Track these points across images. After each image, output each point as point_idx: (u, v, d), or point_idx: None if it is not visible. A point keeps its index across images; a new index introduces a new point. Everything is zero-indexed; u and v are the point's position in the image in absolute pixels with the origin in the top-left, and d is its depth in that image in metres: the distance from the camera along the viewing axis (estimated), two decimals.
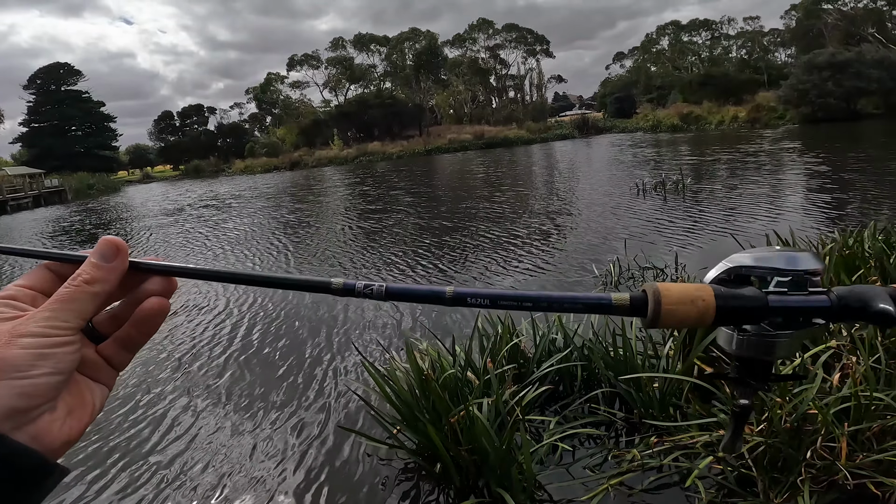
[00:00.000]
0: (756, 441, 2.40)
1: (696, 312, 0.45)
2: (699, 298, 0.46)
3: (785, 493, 2.26)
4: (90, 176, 57.81)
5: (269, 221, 16.94)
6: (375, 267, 9.13)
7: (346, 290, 0.47)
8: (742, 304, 0.46)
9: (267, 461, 3.73)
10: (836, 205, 10.40)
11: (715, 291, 0.46)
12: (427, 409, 3.09)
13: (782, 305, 0.46)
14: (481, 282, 7.47)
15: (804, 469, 2.25)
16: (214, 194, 32.00)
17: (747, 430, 2.50)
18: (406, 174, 32.14)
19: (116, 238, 0.47)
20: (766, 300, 0.46)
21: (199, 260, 11.34)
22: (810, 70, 39.51)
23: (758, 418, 2.46)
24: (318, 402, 4.46)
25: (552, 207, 13.78)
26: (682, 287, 0.46)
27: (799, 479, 2.24)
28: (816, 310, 0.46)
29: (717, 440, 2.63)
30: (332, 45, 79.73)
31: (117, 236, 0.47)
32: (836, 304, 0.45)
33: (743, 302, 0.46)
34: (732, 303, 0.46)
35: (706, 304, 0.45)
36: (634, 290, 0.47)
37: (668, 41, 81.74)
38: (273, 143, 73.32)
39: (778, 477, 2.35)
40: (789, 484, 2.28)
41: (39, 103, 72.03)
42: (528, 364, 3.70)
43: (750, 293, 0.46)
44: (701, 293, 0.46)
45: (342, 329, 6.17)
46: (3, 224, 29.17)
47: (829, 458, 2.24)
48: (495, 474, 2.85)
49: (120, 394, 5.08)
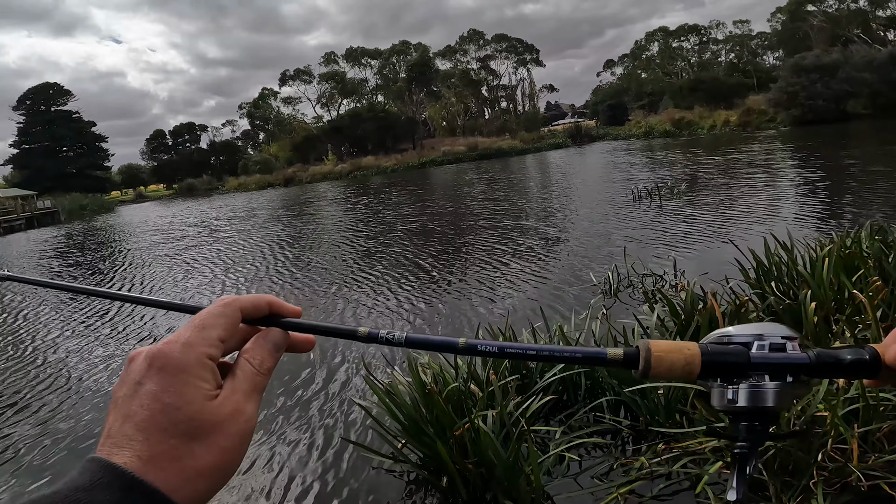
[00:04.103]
0: (766, 445, 2.38)
1: (683, 364, 0.51)
2: (686, 352, 0.52)
3: (798, 497, 2.24)
4: (83, 196, 57.69)
5: (276, 243, 16.92)
6: (383, 281, 9.11)
7: (370, 338, 0.51)
8: (726, 359, 0.51)
9: (271, 474, 3.69)
10: (831, 206, 10.46)
11: (700, 348, 0.52)
12: (431, 423, 3.07)
13: (764, 361, 0.50)
14: (481, 295, 7.44)
15: (816, 472, 2.24)
16: (217, 214, 31.94)
17: None
18: (401, 188, 32.18)
19: (285, 332, 0.52)
20: (749, 355, 0.51)
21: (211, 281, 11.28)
22: (798, 72, 39.84)
23: None
24: (323, 416, 4.42)
25: (548, 217, 13.80)
26: (671, 343, 0.52)
27: (811, 481, 2.22)
28: (798, 365, 0.50)
29: (725, 445, 2.61)
30: (324, 60, 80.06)
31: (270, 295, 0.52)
32: (815, 361, 0.51)
33: (726, 357, 0.51)
34: (717, 357, 0.51)
35: (692, 358, 0.51)
36: (629, 347, 0.53)
37: (658, 47, 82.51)
38: (266, 159, 73.32)
39: (790, 480, 2.33)
40: (801, 487, 2.26)
41: (30, 124, 71.90)
42: (531, 374, 3.67)
43: (733, 349, 0.52)
44: (688, 349, 0.52)
45: (344, 344, 6.13)
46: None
47: (841, 461, 2.23)
48: (503, 486, 2.82)
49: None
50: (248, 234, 18.86)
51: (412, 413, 3.16)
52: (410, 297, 7.80)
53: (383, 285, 8.67)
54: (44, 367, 6.92)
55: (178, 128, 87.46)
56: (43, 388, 6.12)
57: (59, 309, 10.08)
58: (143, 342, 7.43)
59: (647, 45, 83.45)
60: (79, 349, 7.44)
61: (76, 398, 5.68)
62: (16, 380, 6.54)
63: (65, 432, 4.87)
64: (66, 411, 5.35)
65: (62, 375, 6.44)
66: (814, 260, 3.88)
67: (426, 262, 10.06)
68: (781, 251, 4.22)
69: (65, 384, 6.14)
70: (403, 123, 71.99)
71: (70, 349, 7.49)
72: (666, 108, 60.77)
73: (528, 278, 7.94)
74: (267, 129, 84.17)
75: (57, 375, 6.47)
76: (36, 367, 6.93)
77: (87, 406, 5.42)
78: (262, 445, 4.12)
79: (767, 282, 3.97)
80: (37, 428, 5.06)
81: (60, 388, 6.02)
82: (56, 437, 4.80)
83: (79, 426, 4.97)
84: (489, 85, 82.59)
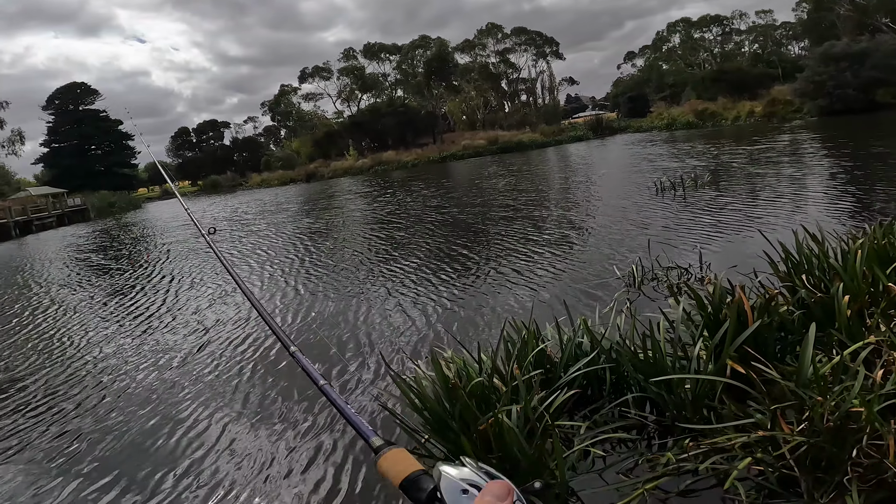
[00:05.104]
0: (797, 441, 2.33)
1: (394, 474, 0.96)
2: (399, 467, 0.97)
3: (831, 493, 2.19)
4: (111, 194, 58.84)
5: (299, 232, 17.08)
6: (406, 270, 9.14)
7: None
8: (415, 484, 0.93)
9: (295, 468, 3.72)
10: (862, 197, 10.18)
11: (413, 472, 0.94)
12: (454, 418, 3.06)
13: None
14: (505, 287, 7.41)
15: (850, 468, 2.18)
16: (246, 209, 32.29)
17: (787, 429, 2.43)
18: (424, 182, 32.20)
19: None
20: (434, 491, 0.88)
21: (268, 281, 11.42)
22: (826, 61, 38.86)
23: (798, 418, 2.39)
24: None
25: (571, 209, 13.70)
26: (403, 458, 1.00)
27: (845, 478, 2.17)
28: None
29: (754, 441, 2.56)
30: (343, 56, 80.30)
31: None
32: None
33: (416, 484, 0.93)
34: (408, 483, 0.93)
35: (400, 474, 0.95)
36: (390, 443, 1.04)
37: (679, 38, 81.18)
38: (289, 155, 73.94)
39: (822, 477, 2.28)
40: (835, 483, 2.21)
41: (58, 123, 73.37)
42: (555, 369, 3.64)
43: (424, 483, 0.92)
44: (406, 466, 0.96)
45: (366, 339, 6.17)
46: (32, 243, 29.75)
47: (877, 457, 2.17)
48: (527, 482, 2.80)
49: (147, 397, 5.12)
50: (281, 227, 19.10)
51: (436, 408, 3.15)
52: (438, 289, 7.83)
53: (412, 277, 8.74)
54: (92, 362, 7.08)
55: (201, 125, 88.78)
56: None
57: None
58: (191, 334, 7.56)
59: (669, 36, 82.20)
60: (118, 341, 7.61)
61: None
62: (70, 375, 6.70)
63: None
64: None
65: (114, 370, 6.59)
66: (846, 252, 3.78)
67: (453, 255, 10.11)
68: (812, 243, 4.12)
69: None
70: (423, 118, 71.96)
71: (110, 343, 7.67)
72: (688, 99, 59.80)
73: (551, 271, 7.89)
74: (288, 126, 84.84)
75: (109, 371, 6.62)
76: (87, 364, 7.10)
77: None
78: (283, 440, 4.16)
79: (798, 274, 3.87)
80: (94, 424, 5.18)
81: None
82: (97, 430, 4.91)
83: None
84: (509, 78, 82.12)
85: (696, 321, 3.67)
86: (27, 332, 8.95)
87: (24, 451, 4.62)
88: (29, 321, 9.69)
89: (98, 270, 15.49)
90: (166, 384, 5.72)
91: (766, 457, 2.46)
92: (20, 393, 6.10)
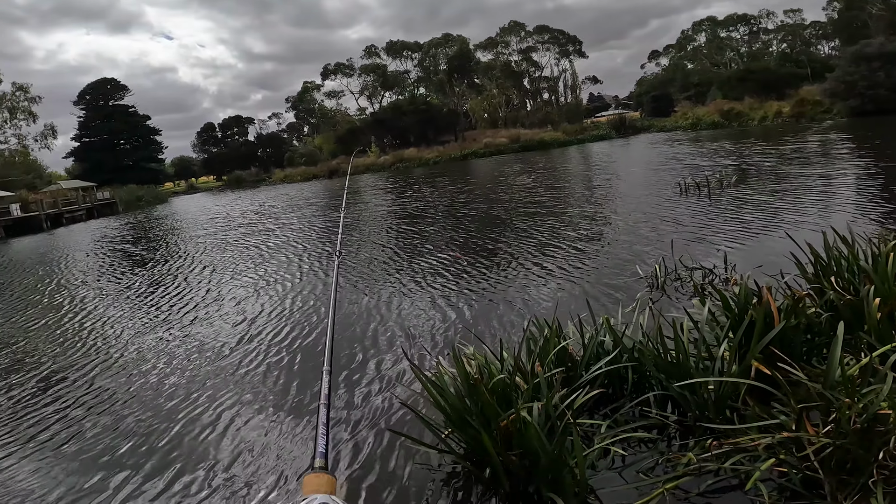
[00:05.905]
0: (823, 442, 2.31)
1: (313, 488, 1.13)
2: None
3: (855, 496, 2.17)
4: (139, 188, 59.97)
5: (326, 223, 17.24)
6: (435, 266, 9.20)
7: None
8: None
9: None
10: (894, 199, 9.94)
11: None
12: (476, 414, 3.08)
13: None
14: (528, 284, 7.42)
15: (876, 471, 2.16)
16: (273, 203, 32.55)
17: (812, 431, 2.41)
18: (446, 178, 32.24)
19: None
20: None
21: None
22: (858, 61, 37.94)
23: (824, 420, 2.37)
24: (366, 406, 4.49)
25: (593, 208, 13.61)
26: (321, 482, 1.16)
27: (870, 480, 2.15)
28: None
29: (778, 442, 2.54)
30: (365, 53, 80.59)
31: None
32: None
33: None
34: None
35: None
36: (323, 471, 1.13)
37: (705, 37, 79.98)
38: (312, 151, 74.52)
39: (847, 479, 2.25)
40: (860, 486, 2.18)
41: (89, 118, 74.85)
42: (576, 367, 3.64)
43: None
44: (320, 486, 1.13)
45: (387, 335, 6.22)
46: (63, 235, 30.44)
47: None
48: (546, 479, 2.81)
49: (165, 381, 5.24)
50: (310, 222, 19.33)
51: (457, 404, 3.18)
52: (467, 283, 7.91)
53: (442, 273, 8.80)
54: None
55: (226, 121, 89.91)
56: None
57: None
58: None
59: (695, 35, 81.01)
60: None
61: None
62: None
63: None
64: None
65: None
66: (876, 255, 3.71)
67: (484, 249, 10.22)
68: (841, 245, 4.05)
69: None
70: (445, 115, 72.00)
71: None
72: (714, 98, 58.92)
73: (575, 269, 7.87)
74: (311, 122, 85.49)
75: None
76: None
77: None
78: (305, 431, 4.22)
79: (826, 276, 3.82)
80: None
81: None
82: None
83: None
84: (531, 77, 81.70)
85: (721, 322, 3.64)
86: (75, 322, 9.18)
87: (71, 444, 4.68)
88: (77, 310, 9.96)
89: (147, 261, 15.81)
90: (216, 376, 5.84)
91: (790, 458, 2.44)
92: (62, 384, 6.23)
